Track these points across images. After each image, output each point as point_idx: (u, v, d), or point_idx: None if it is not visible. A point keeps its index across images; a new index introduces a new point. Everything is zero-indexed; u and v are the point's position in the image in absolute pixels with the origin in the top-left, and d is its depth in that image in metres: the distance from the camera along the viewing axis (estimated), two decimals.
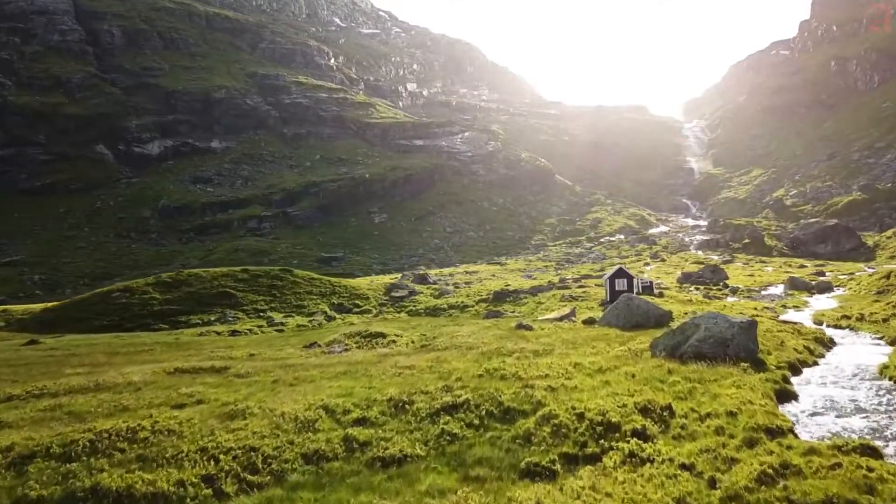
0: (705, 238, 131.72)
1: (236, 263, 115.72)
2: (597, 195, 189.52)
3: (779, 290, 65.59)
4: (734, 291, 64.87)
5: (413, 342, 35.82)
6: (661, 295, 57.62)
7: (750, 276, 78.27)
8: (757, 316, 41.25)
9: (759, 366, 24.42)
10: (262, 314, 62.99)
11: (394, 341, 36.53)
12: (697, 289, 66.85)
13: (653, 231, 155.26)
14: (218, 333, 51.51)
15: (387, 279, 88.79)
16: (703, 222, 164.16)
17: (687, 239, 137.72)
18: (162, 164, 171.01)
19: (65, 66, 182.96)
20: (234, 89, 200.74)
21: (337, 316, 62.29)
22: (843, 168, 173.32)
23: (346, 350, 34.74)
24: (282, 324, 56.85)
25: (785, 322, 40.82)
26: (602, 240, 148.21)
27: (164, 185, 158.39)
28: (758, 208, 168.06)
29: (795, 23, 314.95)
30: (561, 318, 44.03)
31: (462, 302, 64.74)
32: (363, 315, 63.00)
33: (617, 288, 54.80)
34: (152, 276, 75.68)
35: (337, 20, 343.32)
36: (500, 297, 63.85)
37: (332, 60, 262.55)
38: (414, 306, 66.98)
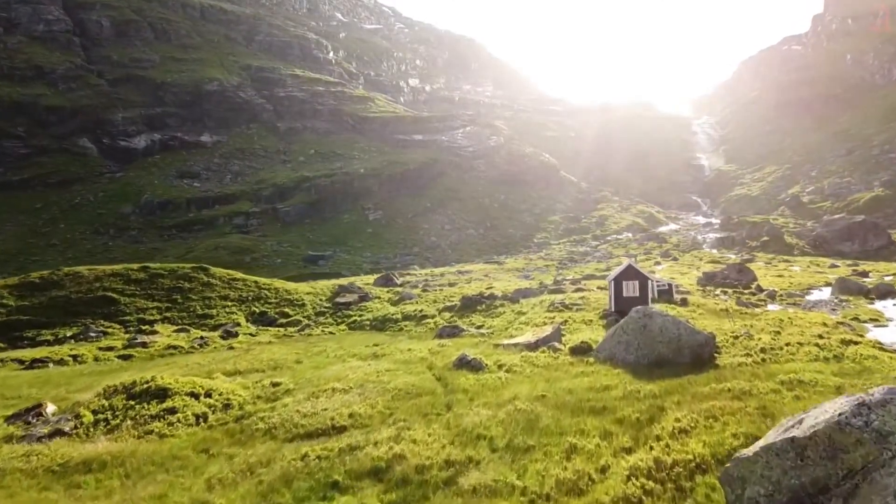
0: (719, 236, 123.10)
1: (216, 262, 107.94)
2: (603, 192, 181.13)
3: (824, 294, 55.64)
4: (772, 297, 54.01)
5: (216, 413, 22.13)
6: (684, 302, 47.01)
7: (779, 276, 69.16)
8: (840, 336, 31.25)
9: None
10: (145, 327, 50.73)
11: (173, 411, 21.61)
12: (725, 292, 56.13)
13: (662, 229, 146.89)
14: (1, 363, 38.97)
15: (345, 281, 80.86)
16: (715, 220, 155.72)
17: (699, 237, 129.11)
18: (148, 158, 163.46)
19: (49, 56, 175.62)
20: (227, 82, 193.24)
21: (253, 329, 51.22)
22: (863, 163, 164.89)
23: (50, 438, 20.02)
24: (143, 344, 42.92)
25: None
26: (609, 238, 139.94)
27: (149, 180, 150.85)
28: (772, 205, 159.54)
29: (806, 18, 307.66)
30: (537, 343, 30.82)
31: (421, 311, 53.98)
32: (287, 328, 52.06)
33: (625, 293, 42.44)
34: (16, 277, 63.20)
35: (339, 15, 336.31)
36: (470, 304, 52.36)
37: (332, 54, 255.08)
38: (360, 316, 55.85)
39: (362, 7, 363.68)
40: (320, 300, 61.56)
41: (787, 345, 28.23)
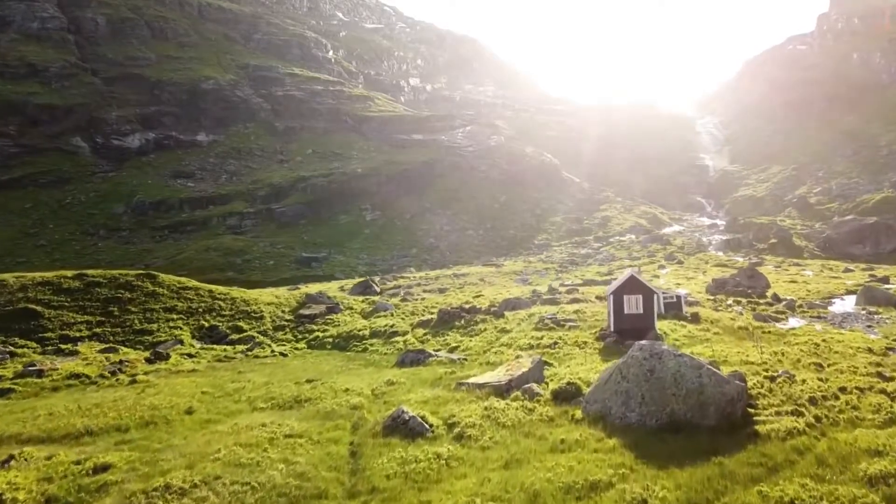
0: (726, 238, 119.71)
1: (206, 264, 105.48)
2: (606, 193, 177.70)
3: (848, 304, 51.06)
4: (791, 307, 49.01)
5: None
6: (695, 318, 41.47)
7: (792, 282, 65.48)
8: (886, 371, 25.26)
9: None
10: (66, 346, 42.79)
11: None
12: (738, 302, 51.33)
13: (666, 230, 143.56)
14: None
15: (340, 283, 77.46)
16: (720, 221, 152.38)
17: (705, 239, 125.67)
18: (142, 157, 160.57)
19: (42, 54, 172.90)
20: (224, 80, 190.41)
21: (196, 346, 44.95)
22: (871, 164, 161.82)
23: None
24: (39, 373, 33.94)
25: None
26: (611, 239, 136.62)
27: (142, 180, 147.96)
28: (779, 206, 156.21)
29: (811, 18, 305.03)
30: (510, 385, 24.03)
31: (392, 326, 47.88)
32: (236, 347, 45.88)
33: (627, 309, 36.33)
34: None
35: (339, 14, 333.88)
36: (448, 319, 46.03)
37: (331, 53, 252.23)
38: (323, 332, 49.55)
39: (363, 6, 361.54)
40: (282, 312, 55.40)
41: (843, 390, 22.33)
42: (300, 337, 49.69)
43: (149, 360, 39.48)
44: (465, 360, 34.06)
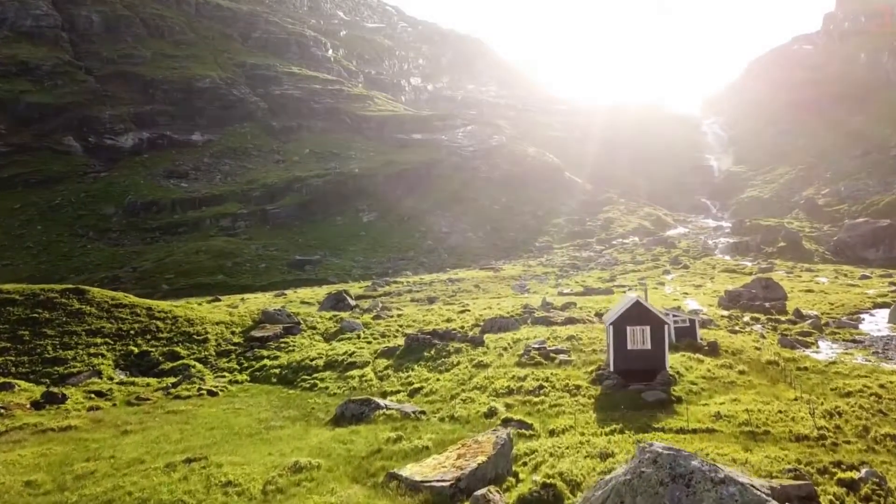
0: (732, 241, 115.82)
1: (195, 267, 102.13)
2: (609, 194, 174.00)
3: (879, 320, 46.04)
4: (817, 327, 43.65)
5: None
6: (713, 349, 35.53)
7: (808, 291, 61.21)
8: None
9: None
10: None
11: None
12: (756, 319, 45.78)
13: (670, 232, 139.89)
14: None
15: (334, 289, 73.66)
16: (725, 223, 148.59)
17: (710, 242, 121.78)
18: (135, 157, 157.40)
19: (35, 52, 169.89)
20: (220, 79, 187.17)
21: (114, 381, 38.32)
22: (881, 164, 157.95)
23: None
24: None
25: None
26: (614, 242, 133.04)
27: (134, 181, 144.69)
28: (786, 208, 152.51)
29: (816, 17, 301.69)
30: (456, 488, 16.61)
31: (352, 354, 41.47)
32: (163, 380, 39.36)
33: (631, 344, 29.89)
34: None
35: (340, 13, 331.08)
36: (417, 347, 39.82)
37: (331, 52, 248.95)
38: (271, 360, 42.99)
39: (365, 6, 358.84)
40: (232, 333, 48.00)
41: None
42: (245, 366, 43.41)
43: (36, 405, 31.93)
44: (423, 414, 27.62)
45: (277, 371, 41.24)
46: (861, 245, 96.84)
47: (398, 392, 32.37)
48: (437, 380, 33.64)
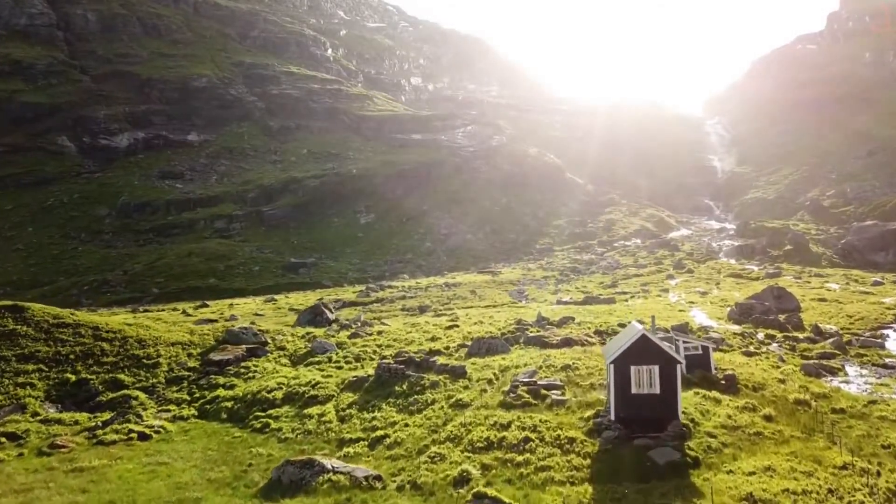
0: (737, 244, 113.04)
1: (186, 270, 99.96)
2: (611, 195, 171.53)
3: None
4: (840, 347, 39.55)
5: None
6: (729, 383, 31.00)
7: (820, 300, 58.09)
8: None
9: None
10: None
11: None
12: (772, 337, 41.87)
13: (673, 235, 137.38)
14: None
15: (322, 294, 71.29)
16: (729, 225, 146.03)
17: (715, 244, 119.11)
18: (129, 157, 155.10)
19: (29, 51, 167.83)
20: (217, 78, 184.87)
21: (39, 418, 33.60)
22: (887, 165, 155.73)
23: None
24: None
25: None
26: (616, 244, 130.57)
27: (128, 181, 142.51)
28: (790, 210, 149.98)
29: (819, 17, 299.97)
30: None
31: (316, 385, 36.48)
32: (99, 415, 34.66)
33: (636, 387, 25.53)
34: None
35: (341, 13, 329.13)
36: (388, 379, 34.83)
37: (330, 51, 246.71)
38: (228, 389, 37.89)
39: (366, 5, 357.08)
40: (189, 355, 42.31)
41: None
42: (197, 396, 37.94)
43: None
44: (378, 480, 23.15)
45: (230, 404, 36.12)
46: (870, 248, 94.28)
47: (358, 441, 28.32)
48: (406, 424, 29.01)
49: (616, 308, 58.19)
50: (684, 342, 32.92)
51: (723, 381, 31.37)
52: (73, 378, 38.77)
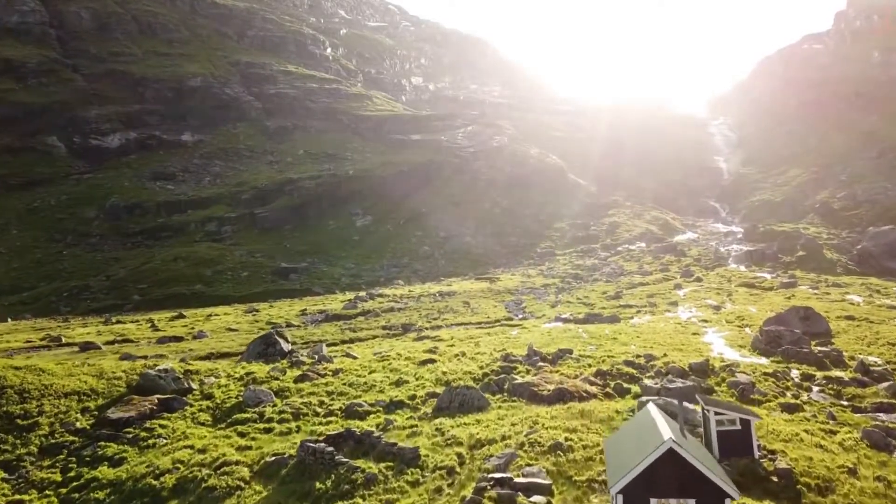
0: (747, 249, 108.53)
1: (172, 276, 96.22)
2: (614, 196, 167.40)
3: None
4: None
5: None
6: (787, 483, 21.71)
7: (848, 317, 51.92)
8: None
9: None
10: None
11: None
12: (809, 377, 34.55)
13: (679, 238, 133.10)
14: None
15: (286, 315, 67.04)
16: (736, 228, 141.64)
17: (723, 249, 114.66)
18: (121, 158, 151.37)
19: (20, 49, 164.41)
20: (212, 77, 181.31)
21: None
22: None
23: None
24: None
25: None
26: (620, 248, 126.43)
27: (119, 182, 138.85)
28: (799, 212, 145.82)
29: (826, 17, 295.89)
30: None
31: (221, 468, 27.38)
32: None
33: None
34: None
35: (342, 12, 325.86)
36: (315, 467, 26.25)
37: (329, 51, 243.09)
38: (115, 465, 28.53)
39: (367, 4, 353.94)
40: (84, 409, 32.95)
41: None
42: (71, 476, 28.39)
43: None
44: None
45: (103, 495, 26.56)
46: (887, 255, 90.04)
47: None
48: None
49: (621, 330, 52.02)
50: (716, 413, 23.79)
51: (774, 479, 21.66)
52: None
